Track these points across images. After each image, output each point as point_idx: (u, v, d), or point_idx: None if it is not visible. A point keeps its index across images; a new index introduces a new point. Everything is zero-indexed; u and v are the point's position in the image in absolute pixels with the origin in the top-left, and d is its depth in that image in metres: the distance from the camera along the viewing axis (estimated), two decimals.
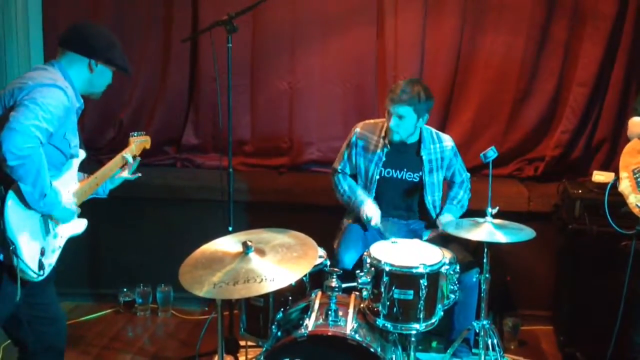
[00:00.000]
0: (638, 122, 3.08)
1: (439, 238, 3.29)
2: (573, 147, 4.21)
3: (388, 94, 3.29)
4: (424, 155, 3.38)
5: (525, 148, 4.32)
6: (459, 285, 2.90)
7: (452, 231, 3.00)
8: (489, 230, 2.91)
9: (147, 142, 2.99)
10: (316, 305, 2.71)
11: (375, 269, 2.68)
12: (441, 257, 2.77)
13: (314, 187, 4.10)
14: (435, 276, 2.71)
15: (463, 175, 3.54)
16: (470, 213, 3.28)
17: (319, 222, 3.41)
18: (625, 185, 2.92)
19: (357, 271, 2.75)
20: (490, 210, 2.98)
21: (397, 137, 3.31)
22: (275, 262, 2.47)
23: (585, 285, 3.46)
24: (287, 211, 3.96)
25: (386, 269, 2.65)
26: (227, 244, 2.62)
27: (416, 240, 3.00)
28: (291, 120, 4.40)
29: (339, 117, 4.35)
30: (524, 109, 4.25)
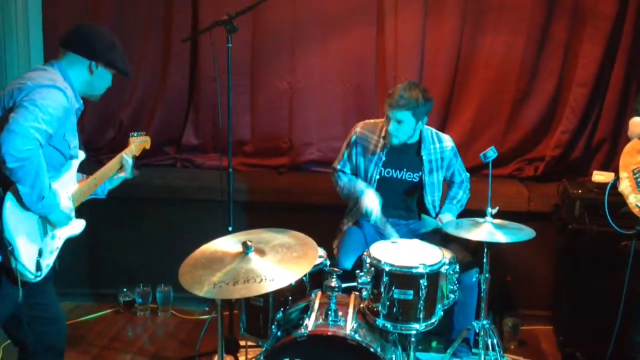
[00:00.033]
0: (639, 122, 3.08)
1: (439, 238, 3.29)
2: (573, 147, 4.21)
3: (386, 98, 3.28)
4: (424, 155, 3.38)
5: (525, 148, 4.32)
6: (458, 285, 2.90)
7: (452, 231, 3.00)
8: (489, 230, 2.91)
9: (147, 142, 2.98)
10: (316, 305, 2.71)
11: (375, 269, 2.68)
12: (441, 257, 2.77)
13: (314, 187, 4.11)
14: (435, 276, 2.71)
15: (463, 175, 3.54)
16: (470, 213, 3.28)
17: (319, 222, 3.41)
18: (625, 185, 2.92)
19: (357, 271, 2.75)
20: (490, 210, 2.98)
21: (396, 141, 3.31)
22: (275, 262, 2.47)
23: (585, 285, 3.46)
24: (287, 211, 3.96)
25: (386, 269, 2.65)
26: (227, 244, 2.62)
27: (416, 240, 2.99)
28: (291, 120, 4.40)
29: (339, 117, 4.35)
30: (524, 109, 4.25)
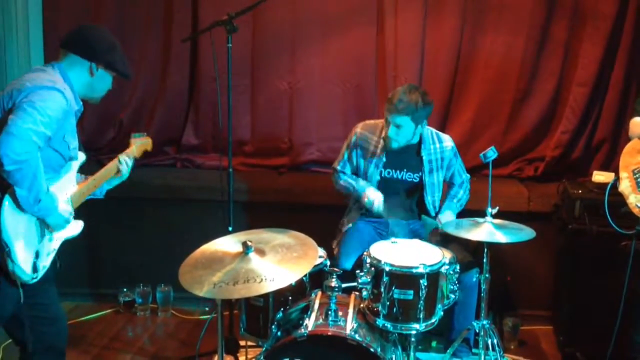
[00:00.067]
0: (639, 122, 3.08)
1: (439, 238, 3.29)
2: (573, 147, 4.21)
3: (386, 102, 3.27)
4: (424, 155, 3.38)
5: (525, 148, 4.32)
6: (458, 285, 2.90)
7: (452, 231, 3.00)
8: (489, 230, 2.91)
9: (147, 143, 2.93)
10: (316, 305, 2.71)
11: (375, 269, 2.68)
12: (441, 257, 2.77)
13: (313, 187, 4.11)
14: (435, 276, 2.71)
15: (463, 176, 3.53)
16: (470, 213, 3.27)
17: (319, 222, 3.41)
18: (625, 185, 2.92)
19: (357, 271, 2.75)
20: (490, 210, 2.98)
21: (395, 145, 3.31)
22: (275, 262, 2.46)
23: (585, 285, 3.46)
24: (287, 211, 3.96)
25: (386, 269, 2.64)
26: (227, 244, 2.62)
27: (416, 240, 2.99)
28: (291, 120, 4.40)
29: (338, 117, 4.35)
30: (524, 109, 4.25)
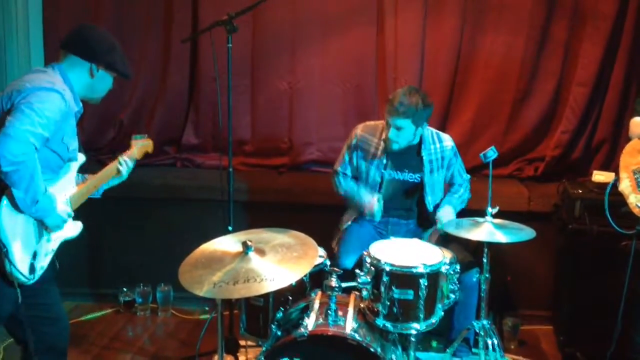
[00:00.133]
0: (639, 122, 3.08)
1: (439, 238, 3.29)
2: (573, 147, 4.21)
3: (386, 104, 3.26)
4: (425, 155, 3.38)
5: (526, 148, 4.32)
6: (459, 285, 2.89)
7: (452, 231, 3.00)
8: (489, 230, 2.91)
9: (149, 146, 2.92)
10: (316, 305, 2.71)
11: (375, 268, 2.68)
12: (441, 257, 2.77)
13: (313, 187, 4.10)
14: (435, 276, 2.70)
15: (463, 176, 3.53)
16: (470, 213, 3.27)
17: (319, 222, 3.40)
18: (626, 185, 2.92)
19: (357, 271, 2.75)
20: (491, 210, 2.98)
21: (396, 147, 3.30)
22: (275, 262, 2.47)
23: (586, 285, 3.46)
24: (287, 211, 3.96)
25: (386, 268, 2.64)
26: (227, 244, 2.62)
27: (416, 240, 2.99)
28: (291, 120, 4.40)
29: (339, 117, 4.35)
30: (524, 109, 4.25)
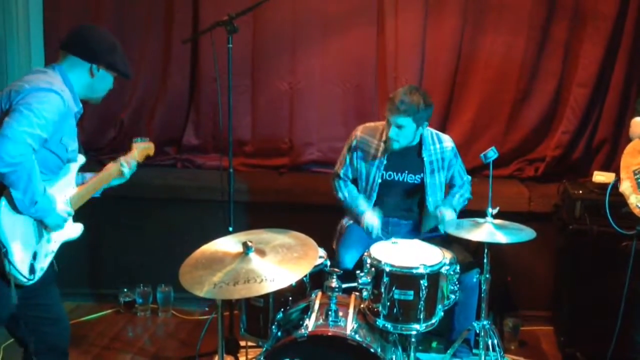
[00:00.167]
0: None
1: (439, 239, 3.29)
2: (573, 147, 4.21)
3: (387, 103, 3.26)
4: (425, 156, 3.38)
5: (526, 148, 4.32)
6: (459, 285, 2.89)
7: (452, 232, 2.99)
8: (490, 231, 2.91)
9: (150, 148, 2.92)
10: (316, 305, 2.71)
11: (375, 269, 2.68)
12: (441, 257, 2.77)
13: (314, 188, 4.10)
14: (436, 276, 2.71)
15: (464, 178, 3.52)
16: (470, 213, 3.27)
17: (319, 222, 3.40)
18: (626, 185, 2.92)
19: (357, 271, 2.75)
20: (491, 211, 2.98)
21: (397, 146, 3.30)
22: (275, 263, 2.47)
23: (586, 286, 3.46)
24: (287, 211, 3.95)
25: (386, 269, 2.64)
26: (227, 244, 2.62)
27: (416, 240, 2.99)
28: (291, 120, 4.40)
29: (339, 117, 4.35)
30: (524, 110, 4.25)
